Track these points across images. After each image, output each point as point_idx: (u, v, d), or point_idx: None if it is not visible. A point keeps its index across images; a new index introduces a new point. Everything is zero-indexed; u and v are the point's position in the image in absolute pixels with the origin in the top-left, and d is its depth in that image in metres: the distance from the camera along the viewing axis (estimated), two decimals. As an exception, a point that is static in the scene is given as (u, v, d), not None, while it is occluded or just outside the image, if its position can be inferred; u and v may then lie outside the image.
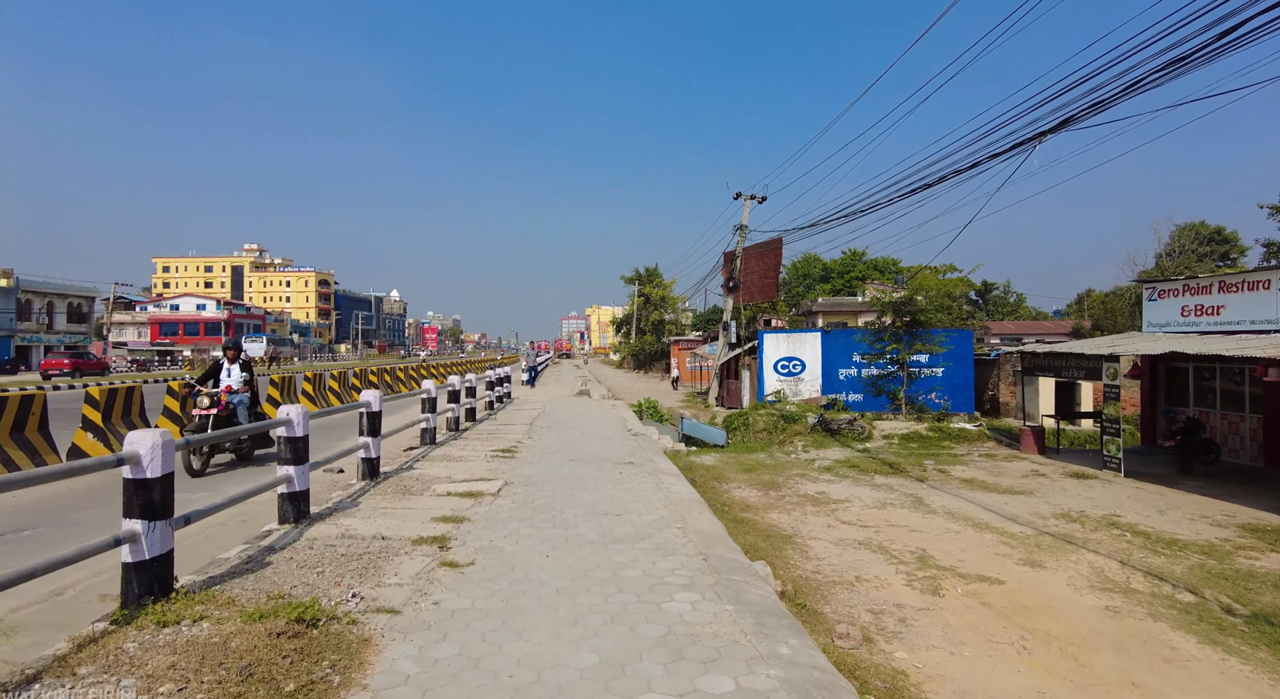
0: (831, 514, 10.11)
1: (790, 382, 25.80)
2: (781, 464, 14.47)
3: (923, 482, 12.94)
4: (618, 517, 6.04)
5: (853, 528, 9.32)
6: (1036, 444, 15.87)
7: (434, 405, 10.60)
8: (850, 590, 6.77)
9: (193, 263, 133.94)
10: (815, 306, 51.64)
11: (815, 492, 11.68)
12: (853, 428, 18.14)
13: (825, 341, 25.94)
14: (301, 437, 5.63)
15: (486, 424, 14.13)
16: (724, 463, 14.34)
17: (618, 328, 78.27)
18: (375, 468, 7.74)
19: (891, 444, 17.42)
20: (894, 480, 12.98)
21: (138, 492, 3.53)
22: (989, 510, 10.56)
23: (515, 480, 7.77)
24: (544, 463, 9.31)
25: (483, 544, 5.11)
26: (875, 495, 11.47)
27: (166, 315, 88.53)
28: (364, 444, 7.48)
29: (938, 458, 15.62)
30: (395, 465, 8.84)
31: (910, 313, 19.49)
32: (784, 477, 12.94)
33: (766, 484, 12.13)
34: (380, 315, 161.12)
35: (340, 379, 18.97)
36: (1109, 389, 13.50)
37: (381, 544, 5.03)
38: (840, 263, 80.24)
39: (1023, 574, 7.36)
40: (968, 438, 17.69)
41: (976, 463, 15.00)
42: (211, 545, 5.39)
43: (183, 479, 8.79)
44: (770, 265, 29.24)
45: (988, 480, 13.01)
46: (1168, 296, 15.09)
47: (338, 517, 5.82)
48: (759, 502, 10.77)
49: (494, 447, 10.57)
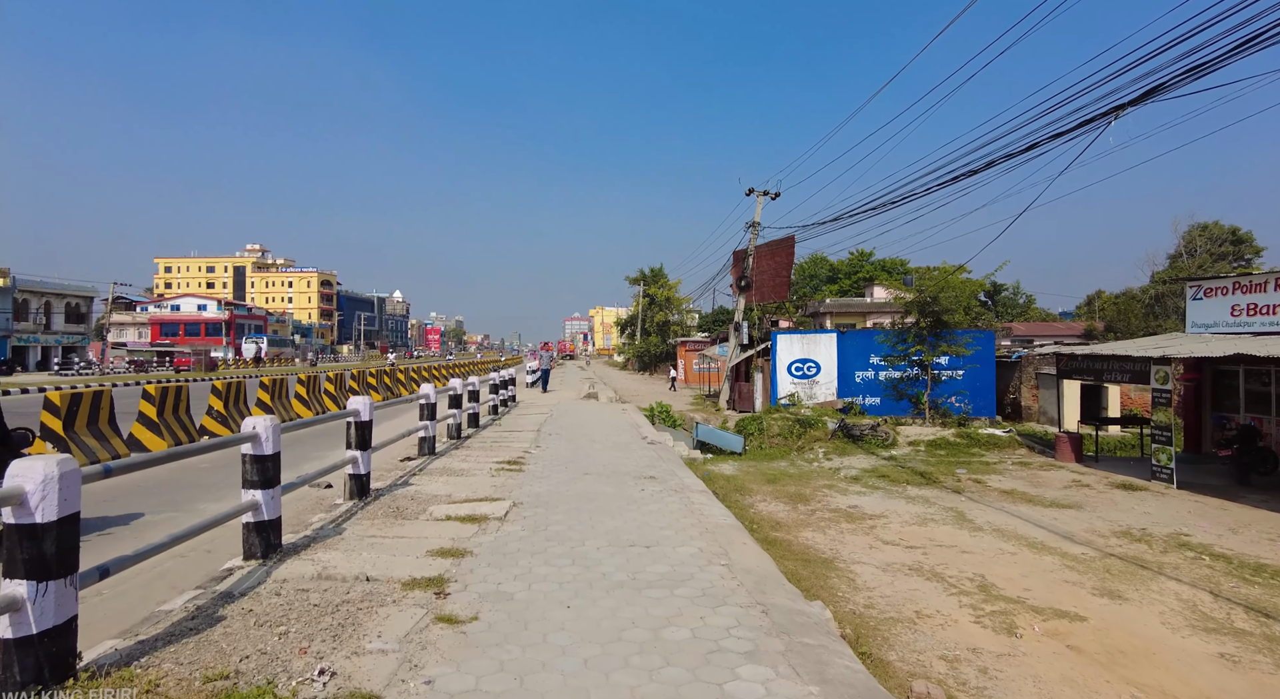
0: (870, 532, 9.19)
1: (804, 384, 24.88)
2: (805, 474, 13.55)
3: (960, 494, 12.02)
4: (648, 549, 5.11)
5: (897, 549, 8.40)
6: (1073, 451, 14.93)
7: (433, 411, 9.69)
8: (913, 630, 5.85)
9: (195, 263, 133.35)
10: (823, 308, 50.62)
11: (847, 506, 10.76)
12: (876, 434, 17.21)
13: (841, 343, 25.02)
14: (270, 455, 4.61)
15: (490, 431, 13.24)
16: (744, 472, 13.43)
17: (622, 329, 77.36)
18: (365, 486, 6.83)
19: (918, 451, 16.49)
20: (929, 492, 12.06)
21: (22, 542, 2.61)
22: (1040, 527, 9.64)
23: (524, 500, 6.87)
24: (555, 477, 8.38)
25: (488, 589, 4.17)
26: (913, 510, 10.56)
27: (167, 316, 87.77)
28: (351, 459, 6.55)
29: (969, 466, 14.70)
30: (389, 481, 7.96)
31: (934, 313, 18.55)
32: (811, 488, 12.03)
33: (793, 497, 11.21)
34: (383, 316, 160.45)
35: (337, 382, 18.10)
36: (1159, 394, 12.56)
37: (365, 589, 4.11)
38: (848, 264, 79.20)
39: (1104, 608, 6.43)
40: (998, 444, 16.74)
41: (1012, 472, 14.07)
42: (163, 585, 4.52)
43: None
44: (782, 264, 28.31)
45: (1029, 492, 12.09)
46: (1215, 295, 14.13)
47: (316, 549, 4.90)
48: (789, 518, 9.86)
49: (499, 458, 9.66)
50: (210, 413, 14.27)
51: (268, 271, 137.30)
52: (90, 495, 8.51)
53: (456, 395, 11.42)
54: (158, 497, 8.48)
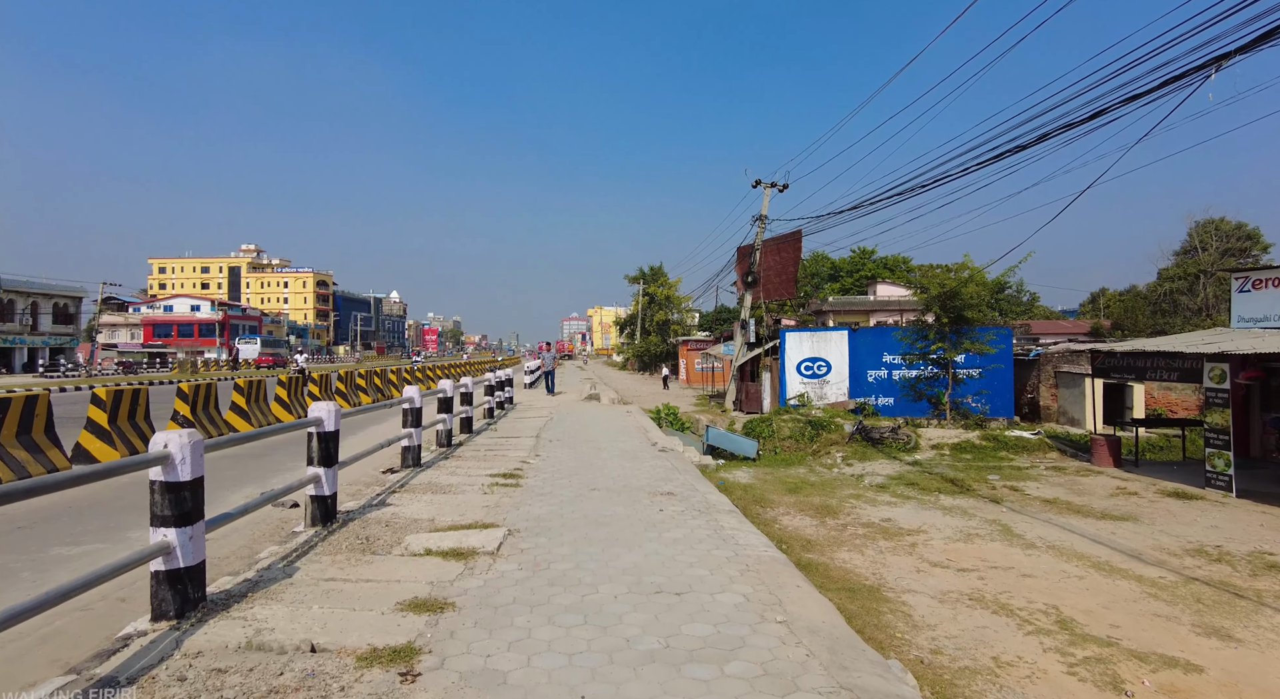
0: (912, 551, 8.14)
1: (814, 384, 23.83)
2: (828, 482, 12.49)
3: (999, 503, 10.98)
4: (680, 598, 3.99)
5: (948, 572, 7.35)
6: (1111, 455, 13.89)
7: (418, 417, 8.61)
8: (996, 684, 4.80)
9: (189, 263, 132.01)
10: (826, 306, 49.57)
11: (880, 519, 9.71)
12: (897, 437, 16.16)
13: (853, 341, 23.97)
14: (188, 481, 3.51)
15: (484, 437, 12.22)
16: (762, 480, 12.37)
17: (621, 328, 76.25)
18: (330, 509, 5.62)
19: (942, 456, 15.44)
20: (964, 502, 11.02)
21: None
22: (1099, 543, 8.60)
23: (521, 526, 5.83)
24: (558, 494, 7.26)
25: (472, 666, 3.05)
26: (952, 523, 9.51)
27: (160, 317, 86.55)
28: (313, 477, 5.41)
29: (1001, 472, 13.67)
30: (363, 500, 6.84)
31: (956, 308, 17.49)
32: (837, 499, 10.97)
33: (820, 509, 10.15)
34: (380, 317, 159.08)
35: (322, 384, 17.01)
36: (1214, 394, 11.52)
37: (307, 667, 3.00)
38: (849, 262, 78.24)
39: (1217, 653, 5.38)
40: (1026, 448, 15.70)
41: (1048, 478, 13.04)
42: (43, 655, 3.45)
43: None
44: (789, 260, 27.27)
45: (1074, 501, 11.05)
46: (1265, 287, 13.12)
47: (254, 600, 3.76)
48: (819, 534, 8.80)
49: (493, 469, 8.60)
50: (175, 419, 13.25)
51: (263, 272, 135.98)
52: (5, 519, 7.40)
53: (446, 398, 10.30)
54: (87, 522, 7.26)
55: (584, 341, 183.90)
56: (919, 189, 14.12)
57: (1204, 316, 47.48)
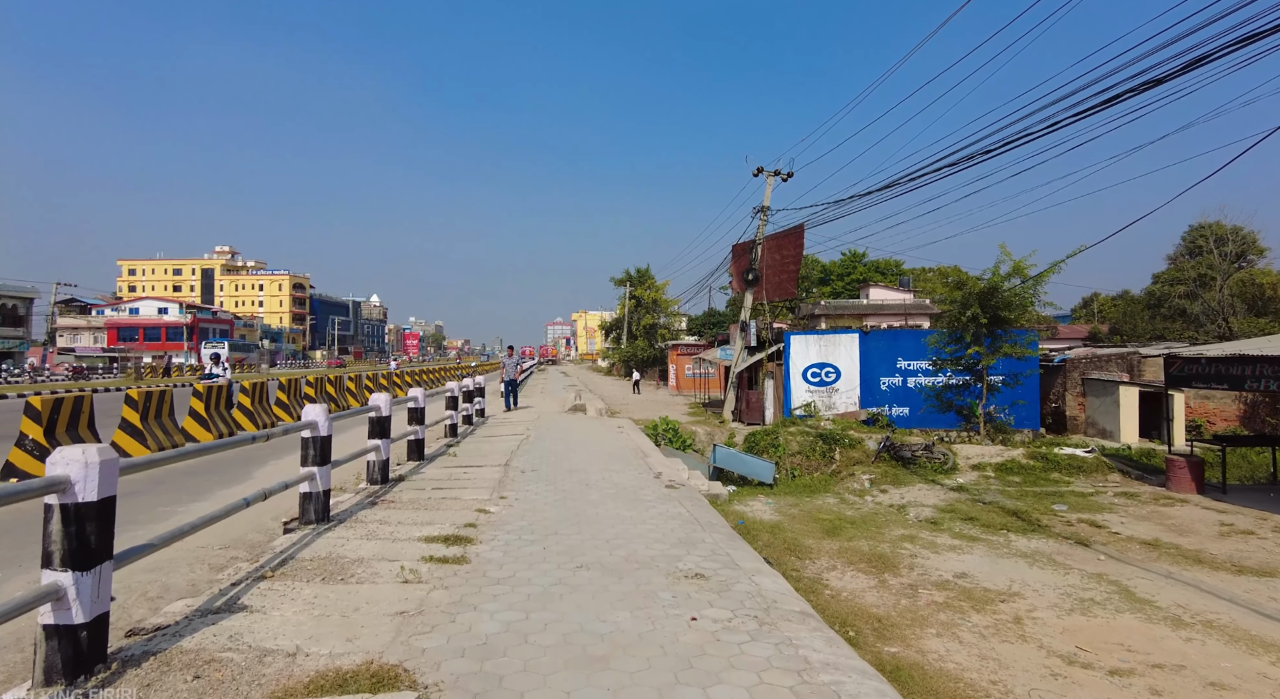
0: (1021, 632, 5.85)
1: (822, 392, 21.61)
2: (867, 517, 10.18)
3: (1087, 546, 8.74)
4: None
5: (1097, 677, 5.06)
6: (1194, 479, 11.76)
7: (324, 452, 5.73)
8: None
9: (160, 265, 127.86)
10: (818, 310, 47.58)
11: (953, 575, 7.41)
12: (931, 456, 13.91)
13: (864, 344, 21.78)
14: None
15: (437, 466, 9.42)
16: (787, 515, 10.03)
17: (607, 332, 73.74)
18: (79, 653, 3.00)
19: (987, 479, 13.21)
20: (1044, 544, 8.78)
21: None
22: (1266, 616, 6.38)
23: (454, 675, 3.18)
24: (526, 581, 4.55)
25: None
26: (1049, 580, 7.25)
27: (124, 320, 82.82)
28: (52, 591, 2.89)
29: (1064, 499, 11.46)
30: (203, 598, 4.06)
31: (994, 307, 15.30)
32: (888, 542, 8.66)
33: (872, 560, 7.82)
34: (358, 321, 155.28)
35: (256, 393, 14.42)
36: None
37: None
38: (840, 265, 76.68)
39: None
40: (1082, 468, 13.51)
41: (1124, 509, 10.85)
42: None
43: None
44: (790, 257, 24.99)
45: (1181, 544, 8.86)
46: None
47: None
48: (885, 604, 6.47)
49: (434, 526, 5.94)
50: (124, 428, 11.27)
51: (238, 274, 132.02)
52: None
53: (382, 418, 7.70)
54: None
55: (569, 346, 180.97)
56: (949, 168, 11.94)
57: (1215, 322, 45.96)
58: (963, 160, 13.69)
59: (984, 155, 13.30)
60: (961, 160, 13.74)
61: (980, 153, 13.24)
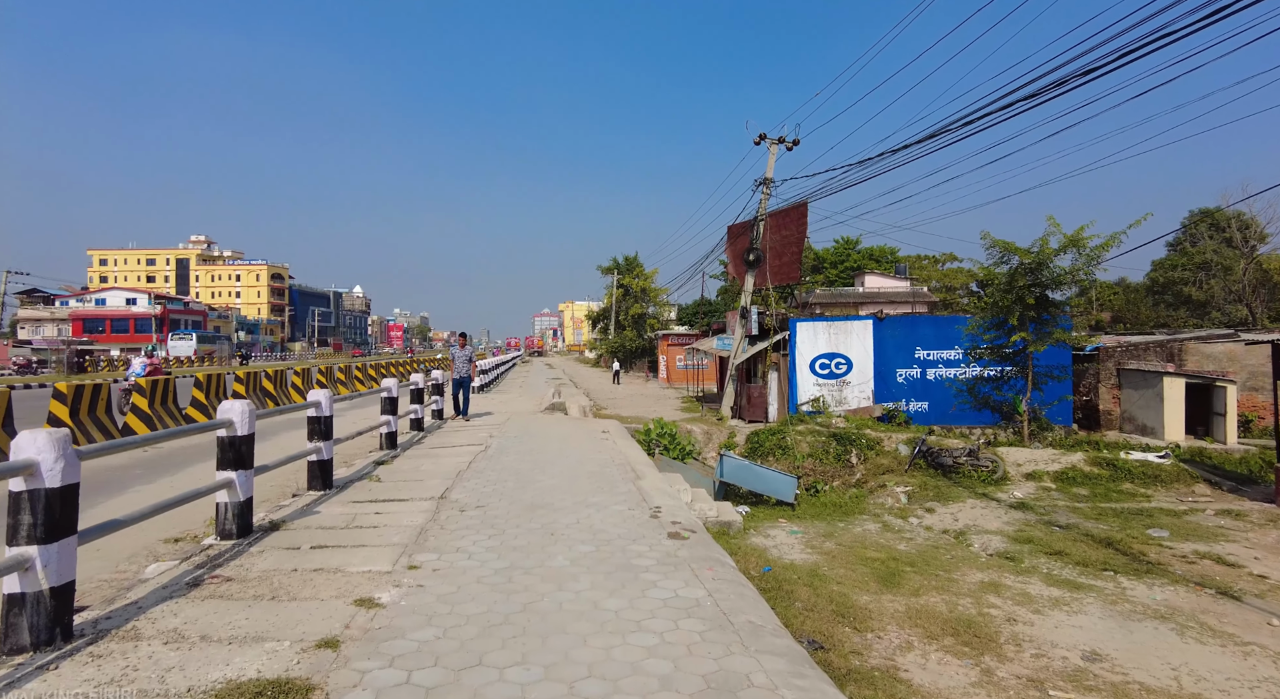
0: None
1: (832, 386, 19.31)
2: (926, 553, 7.85)
3: (1234, 598, 6.50)
4: None
5: None
6: (1310, 494, 9.54)
7: (59, 513, 3.02)
8: None
9: (133, 255, 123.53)
10: (812, 298, 45.44)
11: (1082, 656, 5.12)
12: (977, 462, 11.64)
13: (878, 332, 19.47)
14: None
15: (342, 500, 6.44)
16: (824, 553, 7.66)
17: (594, 323, 71.14)
18: None
19: (1048, 491, 10.95)
20: (1174, 596, 6.51)
21: None
22: None
23: None
24: None
25: None
26: (1219, 665, 5.05)
27: (90, 311, 79.32)
28: None
29: (1156, 521, 9.22)
30: None
31: (1043, 286, 13.02)
32: (969, 595, 6.33)
33: (957, 628, 5.48)
34: (340, 312, 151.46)
35: (156, 394, 11.93)
36: None
37: None
38: (833, 252, 74.47)
39: None
40: (1159, 478, 11.29)
41: (1244, 536, 8.63)
42: None
43: None
44: (792, 238, 22.57)
45: (1353, 592, 6.59)
46: None
47: None
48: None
49: (254, 656, 3.15)
50: (51, 423, 8.92)
51: (214, 264, 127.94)
52: None
53: (234, 438, 4.91)
54: None
55: (555, 338, 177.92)
56: (1007, 110, 9.57)
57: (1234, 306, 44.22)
58: (985, 116, 11.30)
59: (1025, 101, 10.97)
60: (982, 116, 11.37)
61: (1023, 98, 10.90)
